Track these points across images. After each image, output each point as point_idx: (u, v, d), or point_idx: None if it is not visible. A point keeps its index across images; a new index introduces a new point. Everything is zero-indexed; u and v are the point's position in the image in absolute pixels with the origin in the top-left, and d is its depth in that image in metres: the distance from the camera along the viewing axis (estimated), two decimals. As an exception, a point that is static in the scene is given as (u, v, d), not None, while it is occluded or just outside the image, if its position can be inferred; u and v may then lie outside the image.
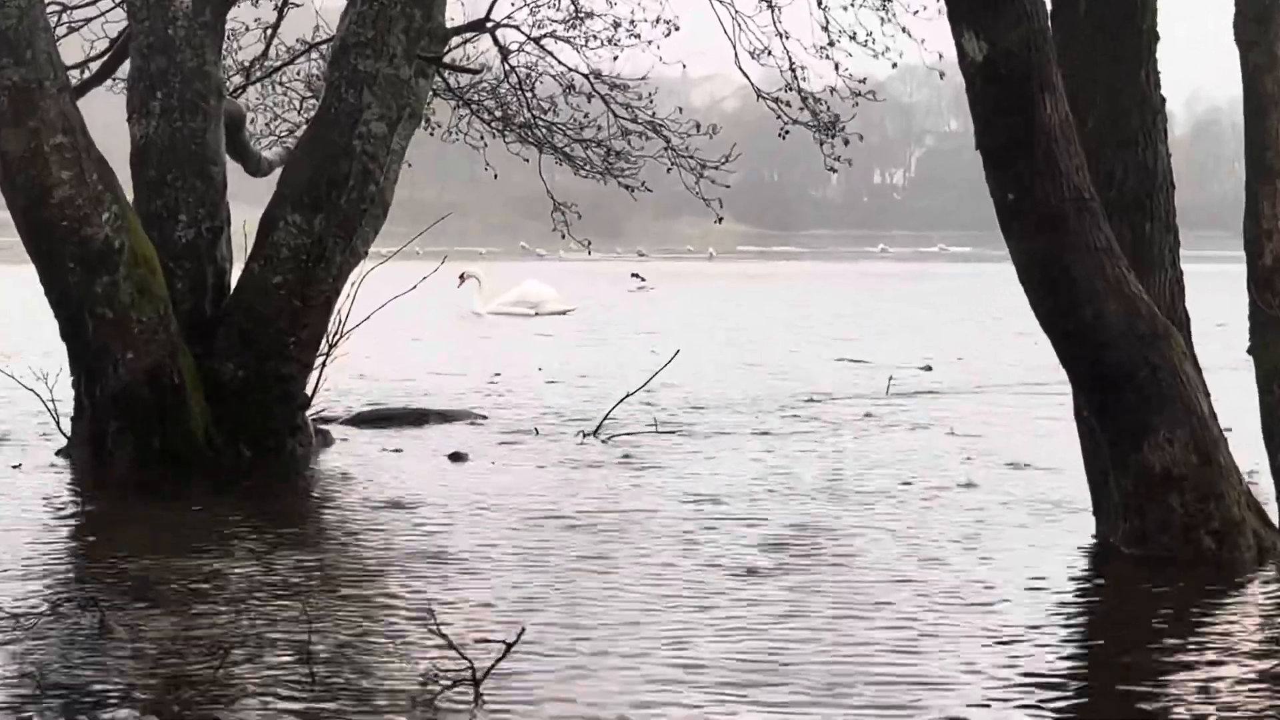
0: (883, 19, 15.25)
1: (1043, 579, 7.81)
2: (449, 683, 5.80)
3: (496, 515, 9.52)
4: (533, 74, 16.57)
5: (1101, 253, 8.05)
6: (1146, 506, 8.07)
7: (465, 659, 5.83)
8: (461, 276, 32.60)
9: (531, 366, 19.75)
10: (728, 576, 7.77)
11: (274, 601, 7.21)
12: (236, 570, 7.90)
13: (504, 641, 5.95)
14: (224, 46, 13.22)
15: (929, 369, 19.69)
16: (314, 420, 12.54)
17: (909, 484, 10.69)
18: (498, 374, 18.74)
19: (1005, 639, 6.59)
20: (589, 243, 17.37)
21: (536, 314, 31.99)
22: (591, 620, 6.88)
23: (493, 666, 5.82)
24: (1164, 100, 8.71)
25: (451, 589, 7.53)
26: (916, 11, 15.10)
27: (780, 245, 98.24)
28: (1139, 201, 8.56)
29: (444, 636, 6.01)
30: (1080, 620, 7.25)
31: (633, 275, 45.44)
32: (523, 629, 6.09)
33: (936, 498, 10.12)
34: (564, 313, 32.29)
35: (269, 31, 16.51)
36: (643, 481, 10.86)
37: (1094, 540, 8.61)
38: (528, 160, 17.09)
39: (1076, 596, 7.67)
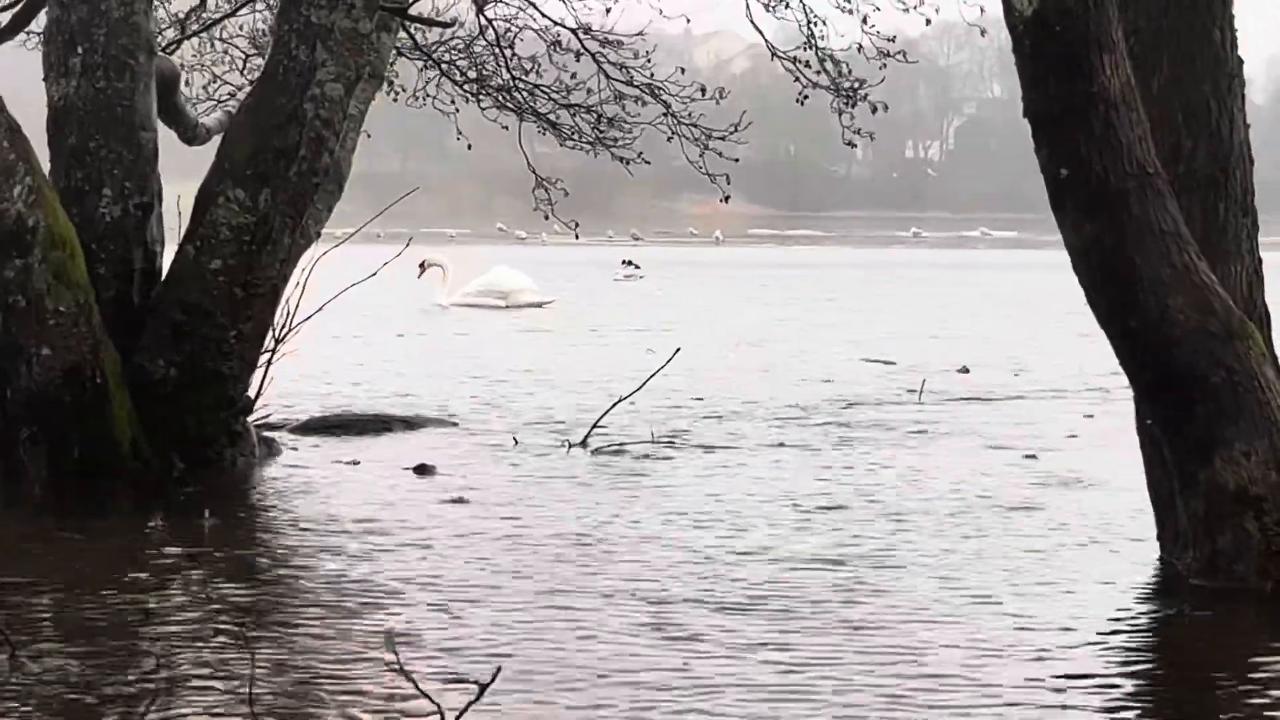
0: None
1: (1096, 618, 7.78)
2: (413, 731, 5.80)
3: (468, 538, 9.51)
4: (513, 29, 16.57)
5: (1168, 236, 8.05)
6: (1218, 530, 8.07)
7: (433, 702, 5.82)
8: (422, 266, 32.49)
9: (509, 366, 19.75)
10: (732, 615, 7.75)
11: (211, 637, 7.20)
12: (168, 600, 7.89)
13: (477, 683, 5.94)
14: (155, -5, 13.20)
15: (966, 371, 19.71)
16: (257, 427, 12.54)
17: (946, 505, 10.68)
18: (475, 375, 18.76)
19: (1054, 702, 6.50)
20: (576, 224, 17.37)
21: (507, 306, 31.93)
22: (576, 661, 6.87)
23: (464, 711, 5.82)
24: (1241, 62, 8.72)
25: (416, 622, 7.52)
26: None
27: (798, 229, 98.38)
28: (1211, 178, 8.56)
29: (408, 676, 5.99)
30: (1139, 670, 7.21)
31: (625, 262, 45.41)
32: (499, 668, 6.09)
33: (979, 522, 10.11)
34: (540, 305, 32.26)
35: (208, -22, 16.50)
36: (637, 501, 10.85)
37: (1157, 570, 8.61)
38: (506, 129, 17.09)
39: (1135, 640, 7.63)
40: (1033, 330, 26.95)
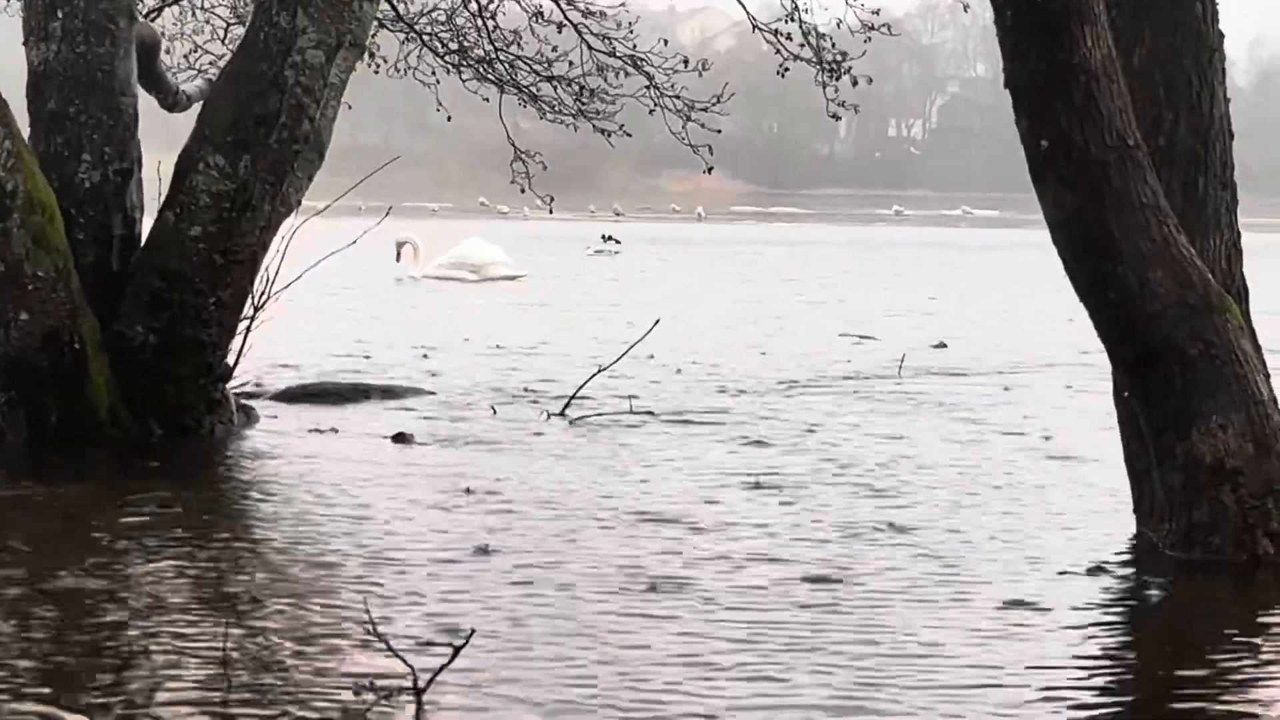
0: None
1: (1071, 592, 7.77)
2: (387, 692, 5.79)
3: (446, 508, 9.50)
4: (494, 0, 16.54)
5: (1147, 209, 8.05)
6: (1195, 503, 8.08)
7: (406, 665, 5.82)
8: (399, 247, 32.58)
9: (489, 337, 19.75)
10: (712, 589, 7.74)
11: (187, 603, 7.19)
12: (143, 568, 7.88)
13: (450, 645, 5.94)
14: (137, -39, 13.16)
15: (944, 346, 19.75)
16: (236, 395, 12.52)
17: (925, 479, 10.68)
18: (466, 338, 18.75)
19: (1033, 681, 6.48)
20: (551, 199, 17.32)
21: (479, 279, 31.87)
22: (554, 631, 6.87)
23: (437, 673, 5.82)
24: (1223, 37, 8.71)
25: (390, 588, 7.51)
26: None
27: (781, 206, 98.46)
28: (1191, 152, 8.56)
29: (381, 639, 6.00)
30: (1113, 643, 7.19)
31: (604, 237, 45.38)
32: (471, 630, 6.08)
33: (956, 497, 10.12)
34: (513, 278, 32.20)
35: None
36: (614, 470, 10.84)
37: (1134, 542, 8.62)
38: (487, 100, 17.06)
39: (1109, 612, 7.63)
40: (1010, 307, 26.99)
